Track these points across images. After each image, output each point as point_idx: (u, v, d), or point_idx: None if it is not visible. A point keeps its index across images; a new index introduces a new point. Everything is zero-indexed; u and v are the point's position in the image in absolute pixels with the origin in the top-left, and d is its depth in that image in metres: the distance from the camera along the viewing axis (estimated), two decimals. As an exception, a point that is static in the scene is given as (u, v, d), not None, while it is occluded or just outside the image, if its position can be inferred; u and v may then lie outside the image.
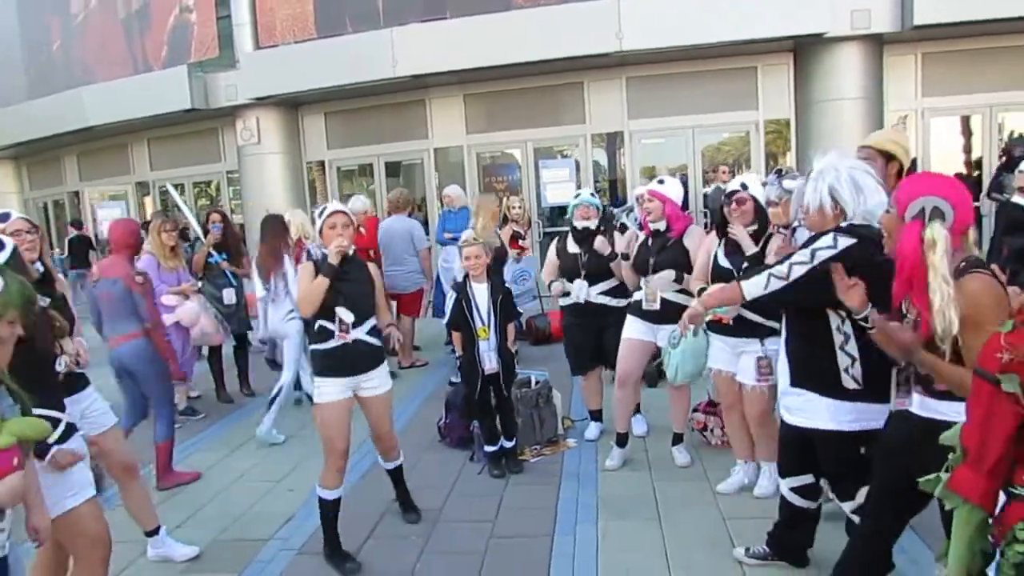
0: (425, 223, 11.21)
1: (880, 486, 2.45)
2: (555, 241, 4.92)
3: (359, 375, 3.51)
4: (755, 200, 3.54)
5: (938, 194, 2.17)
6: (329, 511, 3.51)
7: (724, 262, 3.68)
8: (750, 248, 3.52)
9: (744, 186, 3.59)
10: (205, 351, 6.54)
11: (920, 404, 2.28)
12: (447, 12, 10.85)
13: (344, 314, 3.43)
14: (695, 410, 4.73)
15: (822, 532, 3.14)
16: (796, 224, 3.38)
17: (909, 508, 2.40)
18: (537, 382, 5.08)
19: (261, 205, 10.63)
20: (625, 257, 4.36)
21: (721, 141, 11.67)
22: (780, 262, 2.70)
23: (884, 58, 10.09)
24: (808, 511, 3.05)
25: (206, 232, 6.08)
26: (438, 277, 7.55)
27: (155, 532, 3.61)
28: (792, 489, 3.03)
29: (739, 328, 3.63)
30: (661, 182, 4.28)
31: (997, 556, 1.67)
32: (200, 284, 6.02)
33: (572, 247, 4.72)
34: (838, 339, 2.68)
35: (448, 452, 4.92)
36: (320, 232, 3.55)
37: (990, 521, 1.69)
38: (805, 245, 2.72)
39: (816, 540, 3.14)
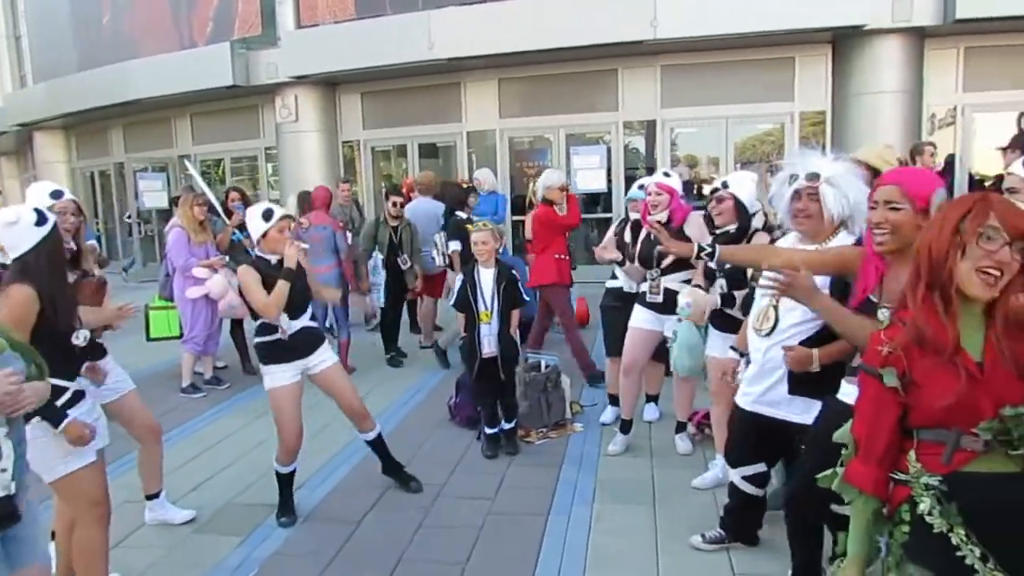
0: (455, 205, 11.35)
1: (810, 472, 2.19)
2: (615, 225, 4.99)
3: (305, 357, 3.70)
4: (736, 200, 3.52)
5: (940, 186, 2.21)
6: (284, 482, 3.81)
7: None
8: (681, 253, 3.27)
9: (725, 185, 3.58)
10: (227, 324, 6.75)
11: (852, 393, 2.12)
12: (484, -4, 10.90)
13: (284, 321, 3.60)
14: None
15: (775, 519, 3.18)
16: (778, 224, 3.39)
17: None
18: (547, 366, 5.19)
19: (298, 181, 10.94)
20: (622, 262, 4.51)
21: (765, 131, 11.53)
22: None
23: (925, 52, 9.89)
24: (758, 498, 3.17)
25: (225, 209, 6.31)
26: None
27: (156, 496, 3.78)
28: (744, 478, 3.13)
29: (731, 324, 3.60)
30: (667, 175, 4.30)
31: (885, 537, 1.75)
32: (227, 259, 6.22)
33: (627, 236, 4.66)
34: None
35: (457, 430, 5.07)
36: (265, 235, 3.60)
37: (884, 510, 1.76)
38: None
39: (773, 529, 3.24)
